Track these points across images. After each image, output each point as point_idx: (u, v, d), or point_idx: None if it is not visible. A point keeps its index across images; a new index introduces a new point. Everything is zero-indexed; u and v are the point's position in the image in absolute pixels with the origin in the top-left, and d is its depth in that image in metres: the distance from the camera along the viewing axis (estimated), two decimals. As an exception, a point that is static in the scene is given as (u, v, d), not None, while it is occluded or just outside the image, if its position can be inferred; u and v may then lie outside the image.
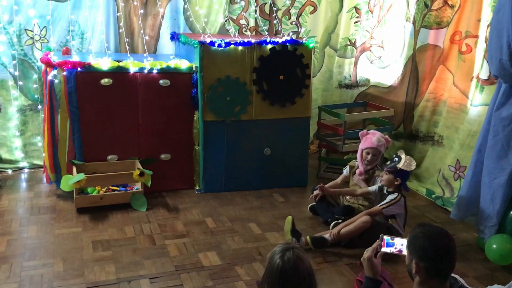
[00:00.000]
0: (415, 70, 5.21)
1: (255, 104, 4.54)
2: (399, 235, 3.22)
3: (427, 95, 5.07)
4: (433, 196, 4.64)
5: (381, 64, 5.71)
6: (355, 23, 5.86)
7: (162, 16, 5.06)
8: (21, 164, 4.94)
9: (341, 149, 4.92)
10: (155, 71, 4.30)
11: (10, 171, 4.86)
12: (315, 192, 4.11)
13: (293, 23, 5.60)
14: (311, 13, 5.65)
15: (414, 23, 5.14)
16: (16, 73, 4.70)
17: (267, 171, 4.74)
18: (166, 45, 5.16)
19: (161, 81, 4.34)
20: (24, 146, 4.93)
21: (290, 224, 3.60)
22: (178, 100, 4.44)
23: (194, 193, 4.62)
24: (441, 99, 4.92)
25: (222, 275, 3.24)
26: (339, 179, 4.31)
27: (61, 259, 3.35)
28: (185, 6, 5.07)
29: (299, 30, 5.57)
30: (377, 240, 2.31)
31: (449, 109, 4.73)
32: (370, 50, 5.83)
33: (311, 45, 4.57)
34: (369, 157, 4.05)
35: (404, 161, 3.61)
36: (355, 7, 5.80)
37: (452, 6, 4.74)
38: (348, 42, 5.92)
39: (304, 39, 4.65)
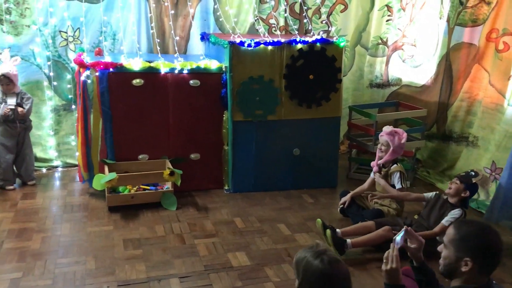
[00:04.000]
0: (449, 69, 5.08)
1: (284, 104, 4.51)
2: None
3: (461, 94, 4.94)
4: (468, 198, 4.52)
5: (413, 63, 5.59)
6: (386, 21, 5.76)
7: (192, 17, 5.10)
8: (55, 163, 5.06)
9: (372, 149, 4.83)
10: (185, 71, 4.33)
11: (44, 170, 4.99)
12: (343, 199, 4.10)
13: (324, 22, 5.55)
14: (341, 11, 5.59)
15: (448, 21, 5.01)
16: (51, 74, 4.82)
17: (296, 171, 4.71)
18: (196, 46, 5.19)
19: (191, 81, 4.37)
20: (58, 145, 5.05)
21: (321, 225, 3.56)
22: (207, 100, 4.46)
23: (223, 192, 4.63)
24: (476, 98, 4.78)
25: (251, 275, 3.24)
26: (366, 184, 4.22)
27: (93, 257, 3.40)
28: (215, 6, 5.09)
29: (330, 29, 5.51)
30: (393, 246, 2.17)
31: (484, 109, 4.59)
32: (402, 49, 5.71)
33: (341, 44, 4.51)
34: (381, 147, 4.09)
35: (481, 177, 3.51)
36: (386, 5, 5.70)
37: (488, 3, 4.60)
38: (380, 41, 5.83)
39: (334, 38, 4.60)
